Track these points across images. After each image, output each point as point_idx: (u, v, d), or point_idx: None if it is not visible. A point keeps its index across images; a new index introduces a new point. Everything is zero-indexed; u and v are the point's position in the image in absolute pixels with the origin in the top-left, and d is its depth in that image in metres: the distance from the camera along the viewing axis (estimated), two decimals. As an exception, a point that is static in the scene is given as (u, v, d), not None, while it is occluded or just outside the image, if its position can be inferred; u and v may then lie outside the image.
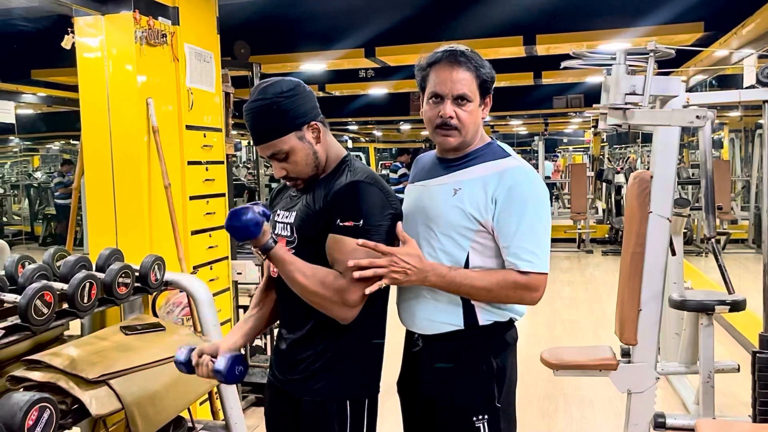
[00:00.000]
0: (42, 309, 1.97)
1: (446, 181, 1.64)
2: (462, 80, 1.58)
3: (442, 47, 1.62)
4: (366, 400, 1.62)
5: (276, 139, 1.54)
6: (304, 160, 1.57)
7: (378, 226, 1.52)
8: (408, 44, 5.35)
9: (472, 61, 1.59)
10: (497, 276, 1.56)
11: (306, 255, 1.57)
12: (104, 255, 2.51)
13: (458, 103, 1.59)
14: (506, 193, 1.55)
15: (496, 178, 1.57)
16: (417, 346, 1.70)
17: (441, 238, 1.60)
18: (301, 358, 1.62)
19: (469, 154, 1.65)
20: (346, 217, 1.50)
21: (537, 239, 1.56)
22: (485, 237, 1.58)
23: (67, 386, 1.98)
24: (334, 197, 1.53)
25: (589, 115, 11.63)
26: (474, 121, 1.61)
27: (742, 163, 11.63)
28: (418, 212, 1.66)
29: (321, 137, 1.60)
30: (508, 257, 1.56)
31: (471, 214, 1.57)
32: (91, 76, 2.81)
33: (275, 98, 1.53)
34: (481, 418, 1.60)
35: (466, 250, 1.59)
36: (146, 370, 2.20)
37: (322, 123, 1.62)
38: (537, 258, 1.55)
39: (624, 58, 2.39)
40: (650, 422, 2.63)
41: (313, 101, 1.61)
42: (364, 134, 18.94)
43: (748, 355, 4.27)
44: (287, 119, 1.54)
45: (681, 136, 2.55)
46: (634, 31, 5.12)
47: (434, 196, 1.65)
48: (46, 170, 14.70)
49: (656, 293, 2.55)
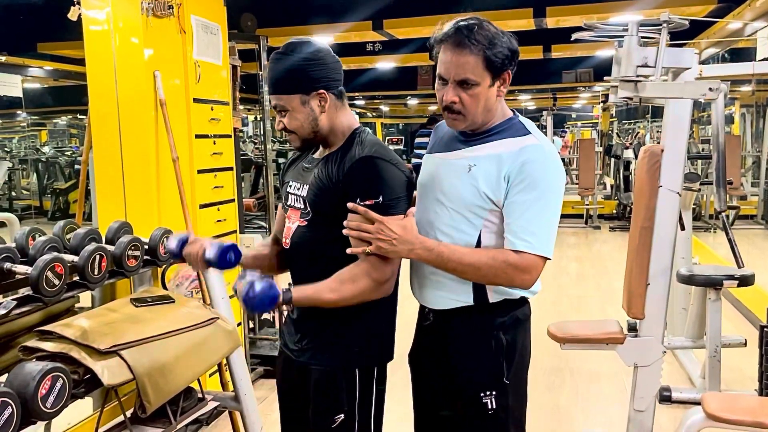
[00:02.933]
0: (53, 280, 1.99)
1: (463, 156, 1.60)
2: (465, 64, 1.51)
3: (454, 20, 1.55)
4: (375, 368, 1.64)
5: (281, 93, 1.58)
6: (301, 123, 1.59)
7: (397, 198, 1.52)
8: (416, 17, 5.29)
9: (479, 41, 1.50)
10: (488, 253, 1.51)
11: (320, 227, 1.60)
12: (113, 228, 2.52)
13: (462, 87, 1.53)
14: (518, 169, 1.50)
15: (512, 156, 1.52)
16: (428, 320, 1.71)
17: (454, 215, 1.58)
18: (310, 327, 1.65)
19: (490, 129, 1.60)
20: (366, 196, 1.50)
21: (540, 221, 1.50)
22: (498, 216, 1.54)
23: (79, 356, 2.01)
24: (348, 173, 1.54)
25: (598, 89, 11.51)
26: (483, 104, 1.55)
27: (753, 138, 11.53)
28: (434, 186, 1.64)
29: (327, 108, 1.60)
30: (508, 234, 1.51)
31: (484, 192, 1.53)
32: (98, 48, 2.80)
33: (292, 56, 1.56)
34: (489, 394, 1.60)
35: (479, 229, 1.56)
36: (156, 342, 2.22)
37: (337, 95, 1.62)
38: (536, 239, 1.48)
39: (636, 30, 2.35)
40: (656, 395, 2.64)
41: (335, 72, 1.61)
42: (371, 109, 18.84)
43: (755, 330, 4.28)
44: (296, 80, 1.56)
45: (691, 111, 2.52)
46: (645, 2, 5.03)
47: (450, 170, 1.61)
48: (54, 145, 14.73)
49: (665, 268, 2.54)
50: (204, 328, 2.35)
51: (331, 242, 1.58)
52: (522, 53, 1.65)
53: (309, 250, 1.64)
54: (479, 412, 1.61)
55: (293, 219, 1.67)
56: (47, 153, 13.03)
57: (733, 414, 2.08)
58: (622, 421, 2.82)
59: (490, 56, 1.51)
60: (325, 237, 1.59)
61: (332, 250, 1.58)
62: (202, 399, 2.54)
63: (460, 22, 1.54)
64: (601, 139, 12.66)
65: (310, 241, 1.63)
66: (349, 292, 1.53)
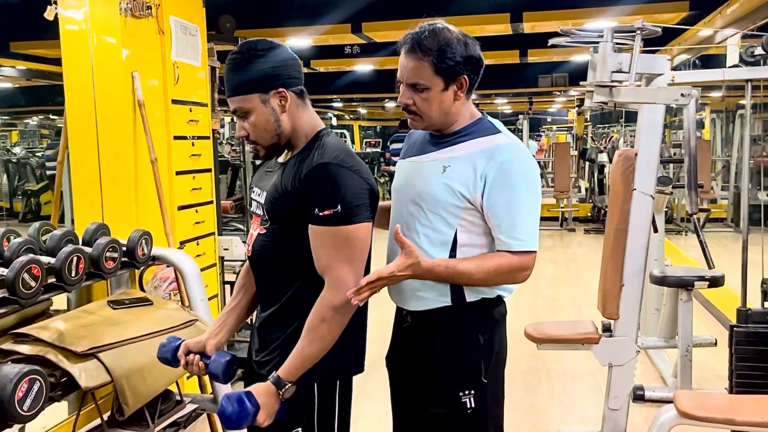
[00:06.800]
0: (30, 282, 1.97)
1: (437, 158, 1.63)
2: (413, 68, 1.55)
3: (416, 27, 1.59)
4: (338, 382, 1.58)
5: (240, 95, 1.51)
6: (263, 125, 1.52)
7: (357, 207, 1.47)
8: (395, 20, 5.32)
9: (428, 47, 1.53)
10: (492, 263, 1.56)
11: (279, 235, 1.55)
12: (91, 230, 2.50)
13: (415, 90, 1.57)
14: (496, 170, 1.54)
15: (486, 155, 1.56)
16: (406, 322, 1.72)
17: (429, 216, 1.60)
18: (272, 338, 1.59)
19: (459, 131, 1.64)
20: (324, 206, 1.45)
21: (527, 217, 1.56)
22: (473, 215, 1.58)
23: (56, 359, 1.99)
24: (305, 181, 1.48)
25: (574, 93, 11.67)
26: (437, 107, 1.58)
27: (722, 143, 11.79)
28: (408, 189, 1.66)
29: (288, 107, 1.53)
30: (500, 236, 1.56)
31: (459, 191, 1.56)
32: (75, 48, 2.77)
33: (249, 54, 1.51)
34: (468, 393, 1.61)
35: (454, 228, 1.59)
36: (135, 344, 2.20)
37: (298, 94, 1.55)
38: (528, 236, 1.55)
39: (611, 36, 2.40)
40: (630, 394, 2.70)
41: (293, 69, 1.55)
42: (348, 112, 18.85)
43: (725, 330, 4.38)
44: (254, 78, 1.50)
45: (664, 116, 2.58)
46: (619, 9, 5.14)
47: (424, 173, 1.64)
48: (25, 145, 14.47)
49: (638, 269, 2.60)
50: (182, 330, 2.33)
51: (291, 251, 1.53)
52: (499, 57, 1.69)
53: (269, 259, 1.59)
54: (459, 412, 1.63)
55: (255, 226, 1.63)
56: (18, 154, 12.79)
57: (704, 411, 2.14)
58: (598, 420, 2.87)
59: (438, 63, 1.54)
60: (285, 245, 1.54)
61: (292, 258, 1.53)
62: (181, 401, 2.53)
63: (419, 27, 1.58)
64: (576, 142, 12.83)
65: (269, 249, 1.58)
66: (326, 331, 1.47)
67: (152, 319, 2.36)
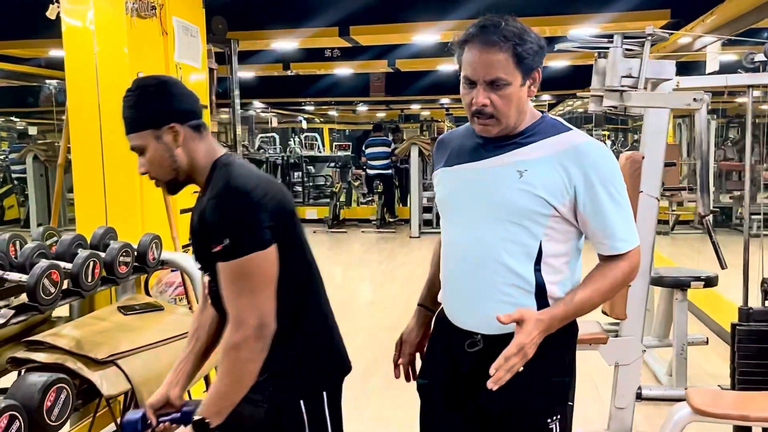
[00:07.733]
0: (50, 288, 1.92)
1: (506, 162, 1.45)
2: (495, 62, 1.38)
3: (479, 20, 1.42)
4: (323, 392, 1.53)
5: (134, 132, 1.48)
6: (158, 161, 1.49)
7: (248, 235, 1.39)
8: (382, 24, 5.33)
9: (509, 37, 1.37)
10: (606, 282, 1.45)
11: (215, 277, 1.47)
12: (98, 234, 2.45)
13: (493, 88, 1.40)
14: (589, 173, 1.41)
15: (569, 156, 1.42)
16: (476, 346, 1.50)
17: (510, 227, 1.43)
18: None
19: (525, 131, 1.47)
20: (215, 242, 1.39)
21: (626, 214, 1.45)
22: (558, 222, 1.43)
23: (75, 367, 1.94)
24: (202, 219, 1.45)
25: (545, 98, 11.87)
26: (515, 105, 1.42)
27: (688, 147, 12.12)
28: (474, 199, 1.49)
29: (183, 142, 1.48)
30: (605, 240, 1.44)
31: (544, 198, 1.40)
32: (78, 48, 2.70)
33: (140, 91, 1.49)
34: (555, 419, 1.48)
35: (539, 239, 1.43)
36: (151, 350, 2.17)
37: (193, 128, 1.50)
38: (631, 233, 1.46)
39: (621, 42, 2.46)
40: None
41: (183, 103, 1.51)
42: (319, 115, 18.78)
43: (709, 330, 4.51)
44: (145, 115, 1.47)
45: (668, 121, 2.65)
46: (602, 16, 5.25)
47: (493, 179, 1.46)
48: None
49: (644, 270, 2.67)
50: (197, 335, 2.30)
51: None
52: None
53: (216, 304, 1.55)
54: None
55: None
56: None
57: (718, 408, 2.19)
58: (598, 419, 2.92)
59: (521, 52, 1.38)
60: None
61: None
62: (192, 408, 2.48)
63: (481, 22, 1.42)
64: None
65: (214, 294, 1.52)
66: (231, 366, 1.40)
67: (164, 325, 2.32)
